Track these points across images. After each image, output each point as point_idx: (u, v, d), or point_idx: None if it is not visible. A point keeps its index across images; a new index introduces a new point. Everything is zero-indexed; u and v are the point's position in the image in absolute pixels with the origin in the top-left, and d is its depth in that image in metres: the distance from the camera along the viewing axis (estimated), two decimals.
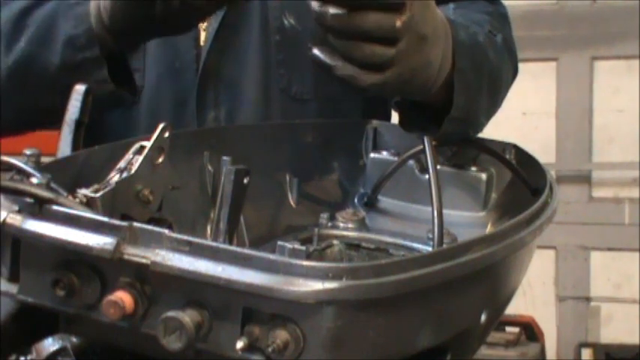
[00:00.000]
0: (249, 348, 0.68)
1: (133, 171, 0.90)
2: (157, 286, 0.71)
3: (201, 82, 1.29)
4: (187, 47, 1.30)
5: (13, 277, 0.77)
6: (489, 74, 1.16)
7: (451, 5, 1.21)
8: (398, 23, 0.92)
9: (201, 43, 1.30)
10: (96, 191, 0.86)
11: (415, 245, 1.07)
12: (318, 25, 0.93)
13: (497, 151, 1.14)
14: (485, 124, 1.22)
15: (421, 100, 1.07)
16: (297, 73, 1.31)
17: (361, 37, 0.91)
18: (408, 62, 0.95)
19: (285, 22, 1.29)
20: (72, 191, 0.84)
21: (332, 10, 0.90)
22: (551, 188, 0.99)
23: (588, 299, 4.46)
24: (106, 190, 0.87)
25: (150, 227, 0.72)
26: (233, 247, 0.69)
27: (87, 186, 0.87)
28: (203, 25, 1.29)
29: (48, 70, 1.10)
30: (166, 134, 0.93)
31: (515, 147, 1.15)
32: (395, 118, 1.22)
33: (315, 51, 0.94)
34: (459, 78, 1.07)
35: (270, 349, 0.67)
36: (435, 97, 1.06)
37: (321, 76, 1.27)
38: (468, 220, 1.12)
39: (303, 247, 0.78)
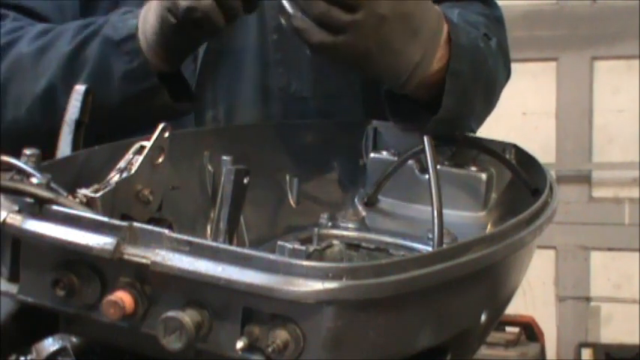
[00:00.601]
0: (249, 348, 0.68)
1: (133, 171, 0.90)
2: (157, 286, 0.71)
3: (199, 82, 1.29)
4: None
5: (13, 277, 0.77)
6: (486, 79, 1.18)
7: (456, 10, 1.22)
8: None
9: None
10: (96, 191, 0.86)
11: (415, 245, 1.07)
12: None
13: (497, 151, 1.14)
14: (474, 128, 1.23)
15: (400, 91, 1.09)
16: (295, 71, 1.31)
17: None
18: (361, 36, 0.99)
19: (283, 21, 1.29)
20: (72, 191, 0.84)
21: None
22: (551, 188, 0.99)
23: (588, 299, 4.46)
24: (106, 190, 0.87)
25: (150, 227, 0.72)
26: (233, 247, 0.69)
27: (87, 186, 0.87)
28: None
29: (108, 106, 1.11)
30: (166, 134, 0.93)
31: (515, 147, 1.15)
32: None
33: (283, 1, 1.00)
34: (451, 80, 1.08)
35: (270, 349, 0.67)
36: (424, 94, 1.09)
37: (321, 74, 1.28)
38: (468, 220, 1.12)
39: (303, 247, 0.78)
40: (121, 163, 0.92)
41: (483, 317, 0.86)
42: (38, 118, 1.18)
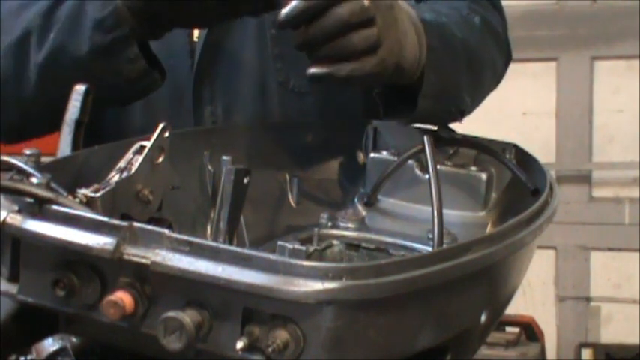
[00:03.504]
0: (249, 348, 0.68)
1: (133, 171, 0.90)
2: (157, 286, 0.71)
3: (197, 78, 1.29)
4: (181, 44, 1.30)
5: (13, 277, 0.77)
6: (464, 51, 1.18)
7: None
8: (366, 2, 0.96)
9: (195, 39, 1.30)
10: (96, 191, 0.86)
11: (415, 245, 1.07)
12: (301, 44, 0.99)
13: (497, 151, 1.14)
14: (471, 102, 1.24)
15: (408, 82, 1.10)
16: (294, 66, 1.30)
17: (342, 31, 0.96)
18: (391, 34, 0.99)
19: None
20: (72, 191, 0.84)
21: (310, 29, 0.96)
22: (551, 188, 0.99)
23: (588, 299, 4.46)
24: (106, 190, 0.87)
25: (150, 227, 0.72)
26: (233, 247, 0.69)
27: (87, 186, 0.87)
28: None
29: (79, 58, 1.10)
30: (166, 134, 0.93)
31: (515, 147, 1.15)
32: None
33: (312, 70, 0.99)
34: (429, 56, 1.10)
35: (270, 349, 0.67)
36: (410, 79, 1.10)
37: None
38: (468, 220, 1.12)
39: (303, 247, 0.78)
40: (121, 163, 0.92)
41: (483, 317, 0.86)
42: (9, 72, 1.17)
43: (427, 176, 1.01)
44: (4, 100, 1.18)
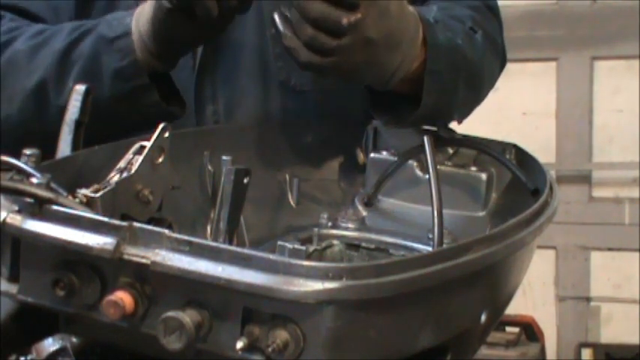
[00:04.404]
0: (249, 348, 0.68)
1: (133, 171, 0.90)
2: (157, 286, 0.71)
3: (198, 77, 1.29)
4: None
5: (13, 277, 0.77)
6: (467, 73, 1.20)
7: (434, 7, 1.23)
8: (344, 21, 0.99)
9: None
10: (96, 191, 0.86)
11: (415, 245, 1.07)
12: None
13: (496, 151, 1.14)
14: (460, 117, 1.26)
15: (382, 89, 1.13)
16: (295, 65, 1.31)
17: (310, 21, 1.00)
18: (348, 58, 1.02)
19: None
20: (72, 191, 0.84)
21: None
22: (551, 188, 0.99)
23: (588, 299, 4.46)
24: (106, 190, 0.87)
25: (150, 227, 0.72)
26: (233, 247, 0.69)
27: (87, 186, 0.87)
28: None
29: (98, 104, 1.12)
30: (166, 134, 0.93)
31: (515, 147, 1.15)
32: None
33: (276, 15, 1.03)
34: (430, 79, 1.11)
35: (270, 349, 0.67)
36: (402, 88, 1.12)
37: None
38: (468, 220, 1.12)
39: (303, 247, 0.78)
40: (121, 163, 0.92)
41: (483, 317, 0.86)
42: (29, 114, 1.18)
43: (427, 176, 1.01)
44: (27, 133, 1.19)
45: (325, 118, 1.31)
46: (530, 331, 4.15)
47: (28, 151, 0.84)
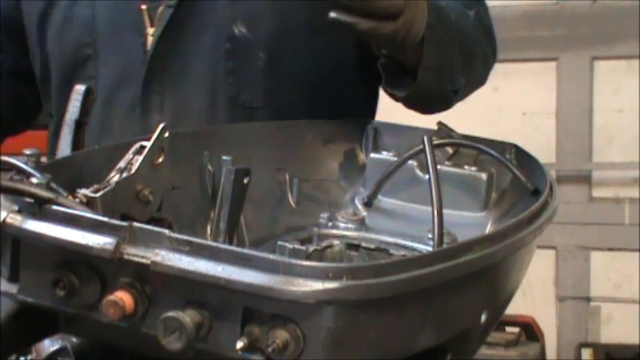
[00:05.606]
0: (249, 348, 0.68)
1: (133, 171, 0.90)
2: (157, 286, 0.71)
3: (145, 85, 1.29)
4: (136, 52, 1.31)
5: (13, 277, 0.77)
6: (458, 35, 1.23)
7: None
8: None
9: (148, 47, 1.30)
10: (96, 191, 0.86)
11: (415, 245, 1.07)
12: None
13: (496, 151, 1.14)
14: (464, 85, 1.28)
15: (402, 56, 1.17)
16: (247, 81, 1.30)
17: None
18: (411, 8, 1.06)
19: (236, 30, 1.29)
20: (72, 191, 0.84)
21: None
22: (551, 188, 0.99)
23: (588, 299, 4.46)
24: (106, 190, 0.87)
25: (150, 227, 0.72)
26: (233, 247, 0.69)
27: (87, 186, 0.87)
28: (151, 31, 1.30)
29: None
30: (166, 134, 0.93)
31: (516, 147, 1.15)
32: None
33: (333, 14, 1.03)
34: (428, 32, 1.15)
35: (270, 349, 0.67)
36: (412, 55, 1.16)
37: (273, 85, 1.29)
38: (468, 220, 1.11)
39: (303, 247, 0.78)
40: (121, 163, 0.92)
41: (483, 317, 0.86)
42: None
43: (427, 176, 1.01)
44: None
45: (324, 120, 1.30)
46: (530, 331, 4.15)
47: (28, 151, 0.84)
